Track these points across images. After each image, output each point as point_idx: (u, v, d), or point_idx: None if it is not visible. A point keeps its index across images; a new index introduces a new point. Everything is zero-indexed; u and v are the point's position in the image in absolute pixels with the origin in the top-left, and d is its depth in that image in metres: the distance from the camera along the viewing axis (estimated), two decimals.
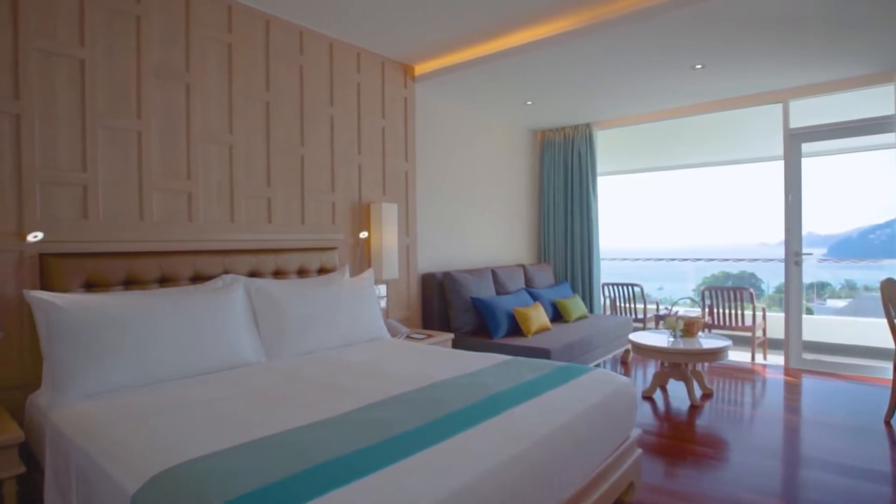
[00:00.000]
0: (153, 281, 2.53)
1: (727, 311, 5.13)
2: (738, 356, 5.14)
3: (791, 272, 4.69)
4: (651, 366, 4.93)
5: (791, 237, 4.67)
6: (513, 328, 4.13)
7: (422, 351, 2.86)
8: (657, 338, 3.95)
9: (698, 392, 3.93)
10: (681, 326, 3.87)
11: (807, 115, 4.63)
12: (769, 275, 7.42)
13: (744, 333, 5.21)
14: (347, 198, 3.70)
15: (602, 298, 5.91)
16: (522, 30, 3.52)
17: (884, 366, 4.63)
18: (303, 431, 1.61)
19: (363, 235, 3.78)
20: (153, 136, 2.66)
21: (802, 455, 2.85)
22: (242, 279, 2.74)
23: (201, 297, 2.41)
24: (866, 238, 7.10)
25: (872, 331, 5.39)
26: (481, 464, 1.41)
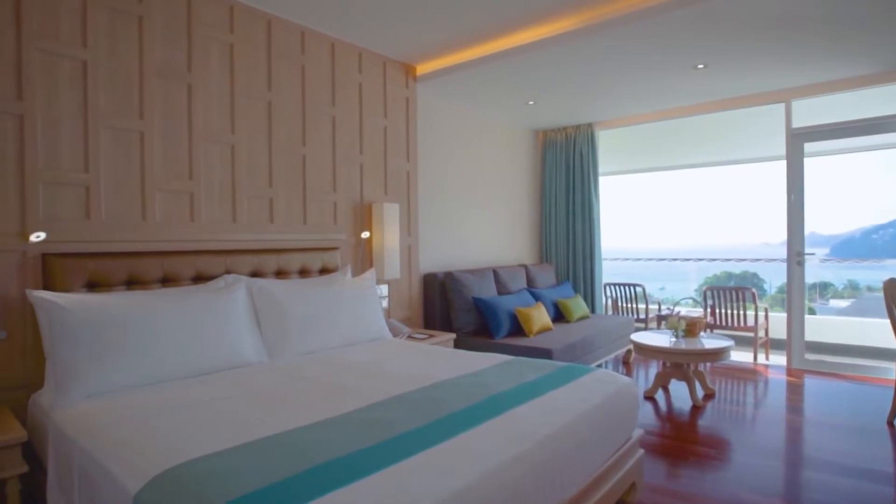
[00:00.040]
0: (155, 281, 2.54)
1: (729, 312, 5.12)
2: (741, 356, 5.13)
3: (793, 272, 4.68)
4: (653, 366, 4.92)
5: (793, 237, 4.66)
6: (514, 328, 4.13)
7: (423, 351, 2.86)
8: (659, 338, 3.95)
9: (700, 392, 3.92)
10: (683, 326, 3.87)
11: (809, 115, 4.62)
12: (771, 275, 7.41)
13: (746, 334, 5.20)
14: (349, 198, 3.70)
15: (604, 298, 5.91)
16: (524, 30, 3.52)
17: (887, 366, 4.62)
18: (304, 431, 1.61)
19: (365, 235, 3.78)
20: (155, 137, 2.66)
21: (805, 456, 2.85)
22: (244, 279, 2.74)
23: (203, 297, 2.42)
24: (869, 238, 7.09)
25: (875, 331, 5.38)
26: (483, 464, 1.41)
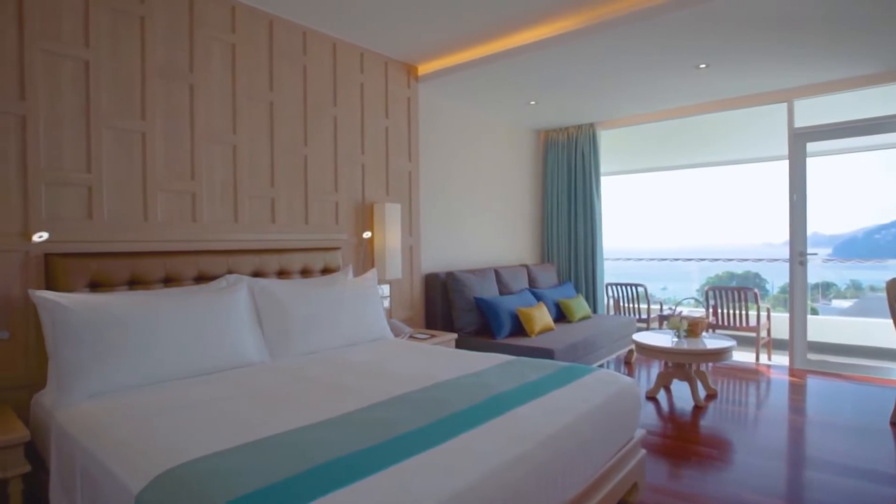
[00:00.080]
0: (157, 281, 2.54)
1: (731, 312, 5.11)
2: (743, 357, 5.12)
3: (796, 272, 4.67)
4: (655, 366, 4.91)
5: (796, 237, 4.65)
6: (516, 328, 4.13)
7: (425, 351, 2.86)
8: (661, 338, 3.94)
9: (702, 392, 3.92)
10: (685, 327, 3.86)
11: (811, 115, 4.61)
12: (774, 275, 7.39)
13: (748, 334, 5.19)
14: (351, 198, 3.71)
15: (606, 298, 5.90)
16: (525, 30, 3.52)
17: (889, 366, 4.61)
18: (306, 431, 1.61)
19: (366, 235, 3.78)
20: (157, 137, 2.67)
21: (807, 456, 2.84)
22: (246, 279, 2.74)
23: (205, 297, 2.42)
24: (872, 238, 7.06)
25: (878, 331, 5.37)
26: (485, 464, 1.41)
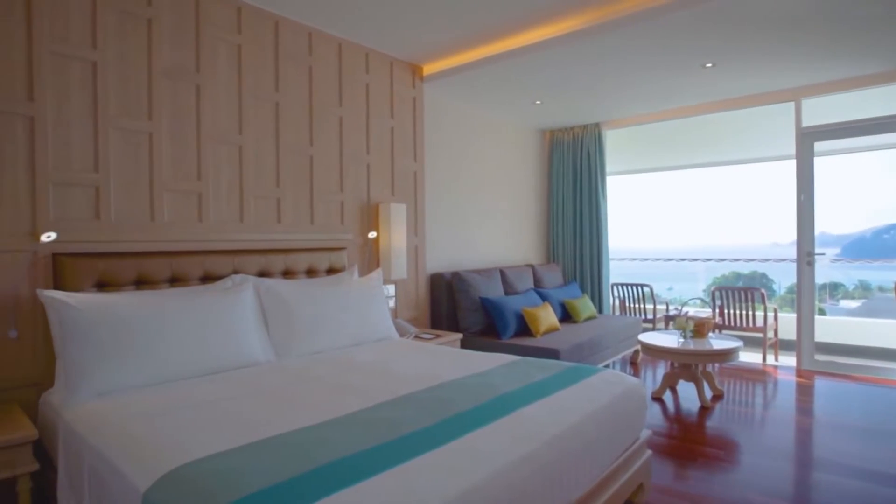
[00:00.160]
0: (164, 281, 2.56)
1: (738, 312, 5.08)
2: (750, 357, 5.09)
3: (803, 272, 4.64)
4: (661, 367, 4.89)
5: (803, 237, 4.62)
6: (521, 328, 4.12)
7: (430, 351, 2.86)
8: (667, 338, 3.93)
9: (709, 393, 3.90)
10: (691, 327, 3.85)
11: (819, 114, 4.58)
12: (781, 275, 7.34)
13: (755, 334, 5.16)
14: (356, 198, 3.71)
15: (611, 299, 5.88)
16: (530, 29, 3.51)
17: None
18: (311, 431, 1.62)
19: (372, 235, 3.79)
20: (164, 137, 2.68)
21: (815, 457, 2.82)
22: (252, 279, 2.75)
23: (211, 297, 2.43)
24: (880, 238, 7.00)
25: (887, 332, 5.33)
26: (490, 464, 1.41)
